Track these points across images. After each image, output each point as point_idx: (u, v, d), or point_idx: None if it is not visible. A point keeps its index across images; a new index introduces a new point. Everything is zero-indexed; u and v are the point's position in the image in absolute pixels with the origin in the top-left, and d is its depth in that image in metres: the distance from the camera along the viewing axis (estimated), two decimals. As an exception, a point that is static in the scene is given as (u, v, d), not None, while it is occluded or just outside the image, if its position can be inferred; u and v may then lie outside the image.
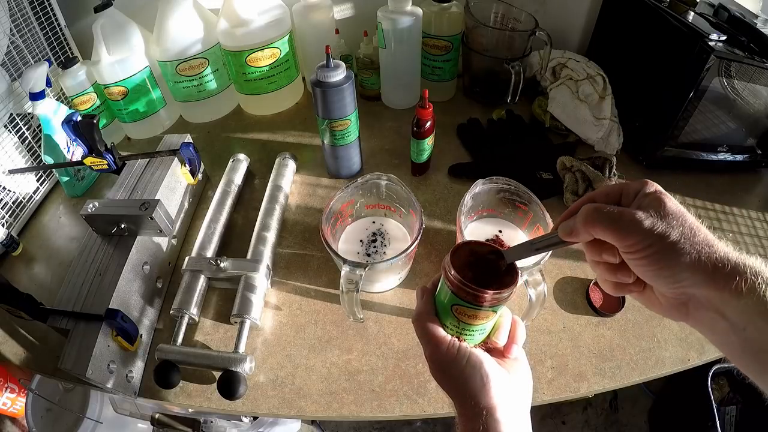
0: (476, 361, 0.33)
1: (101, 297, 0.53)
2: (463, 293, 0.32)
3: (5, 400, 0.95)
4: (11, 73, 0.71)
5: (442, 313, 0.35)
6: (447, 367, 0.34)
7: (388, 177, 0.60)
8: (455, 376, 0.33)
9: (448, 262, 0.33)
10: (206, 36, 0.82)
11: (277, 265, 0.65)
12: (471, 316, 0.33)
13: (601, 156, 0.71)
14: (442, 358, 0.34)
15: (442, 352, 0.34)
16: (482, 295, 0.32)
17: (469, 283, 0.32)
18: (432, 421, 1.26)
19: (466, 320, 0.34)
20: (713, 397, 0.97)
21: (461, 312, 0.33)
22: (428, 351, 0.35)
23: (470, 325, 0.34)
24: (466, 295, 0.32)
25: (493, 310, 0.33)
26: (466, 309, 0.33)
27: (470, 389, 0.32)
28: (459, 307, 0.33)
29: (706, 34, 0.63)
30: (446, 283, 0.34)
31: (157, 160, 0.68)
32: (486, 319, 0.34)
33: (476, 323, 0.34)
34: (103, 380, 0.50)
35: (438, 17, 0.81)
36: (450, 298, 0.33)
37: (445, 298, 0.34)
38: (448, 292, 0.33)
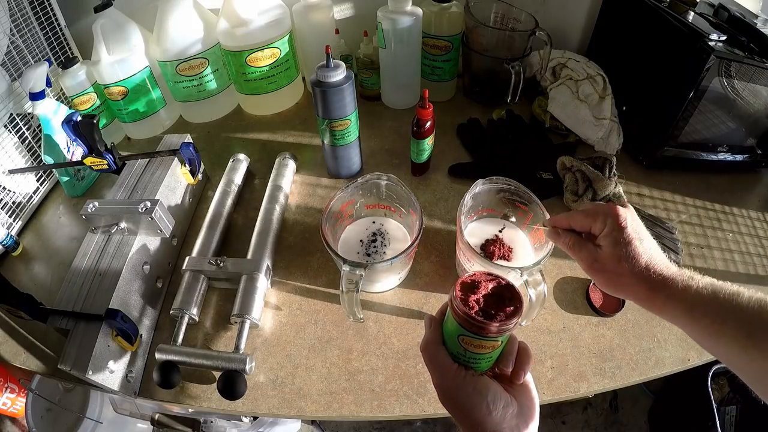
0: (482, 389, 0.34)
1: (101, 297, 0.53)
2: (469, 324, 0.33)
3: (5, 400, 0.95)
4: (11, 73, 0.71)
5: (450, 342, 0.36)
6: (454, 395, 0.35)
7: (388, 177, 0.60)
8: (462, 403, 0.34)
9: (454, 294, 0.34)
10: (206, 36, 0.82)
11: (277, 265, 0.65)
12: (477, 346, 0.34)
13: (601, 156, 0.71)
14: (449, 386, 0.35)
15: (449, 379, 0.35)
16: (487, 327, 0.32)
17: (474, 316, 0.33)
18: (432, 421, 1.26)
19: (473, 349, 0.35)
20: (713, 397, 0.97)
21: (467, 342, 0.34)
22: (436, 378, 0.36)
23: (476, 354, 0.35)
24: (472, 327, 0.33)
25: (498, 340, 0.34)
26: (472, 339, 0.34)
27: (476, 416, 0.33)
28: (465, 338, 0.34)
29: (706, 34, 0.63)
30: (453, 315, 0.34)
31: (157, 160, 0.68)
32: (492, 348, 0.35)
33: (482, 352, 0.35)
34: (103, 380, 0.50)
35: (438, 17, 0.81)
36: (456, 329, 0.34)
37: (451, 328, 0.35)
38: (454, 323, 0.34)
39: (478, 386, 0.34)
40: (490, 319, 0.32)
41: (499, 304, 0.34)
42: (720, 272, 0.65)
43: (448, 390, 0.35)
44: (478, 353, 0.35)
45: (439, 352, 0.36)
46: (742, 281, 0.64)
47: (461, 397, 0.34)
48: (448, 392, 0.35)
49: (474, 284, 0.35)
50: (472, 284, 0.35)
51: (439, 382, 0.36)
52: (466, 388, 0.34)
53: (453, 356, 0.36)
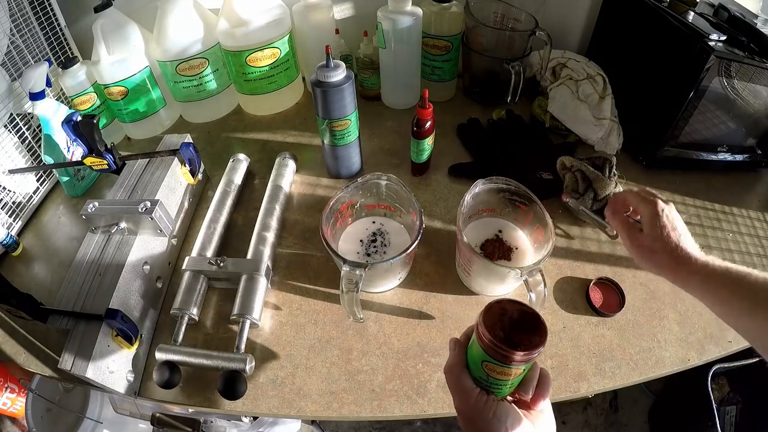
0: (502, 414, 0.35)
1: (101, 297, 0.53)
2: (493, 352, 0.34)
3: (5, 400, 0.95)
4: (11, 73, 0.71)
5: (473, 366, 0.37)
6: (475, 419, 0.36)
7: (388, 177, 0.60)
8: (482, 427, 0.35)
9: (481, 321, 0.35)
10: (206, 36, 0.82)
11: (277, 265, 0.65)
12: (500, 373, 0.35)
13: (601, 156, 0.71)
14: (470, 409, 0.36)
15: (470, 403, 0.36)
16: (512, 356, 0.33)
17: (499, 344, 0.33)
18: (432, 421, 1.26)
19: (495, 375, 0.35)
20: (713, 397, 0.97)
21: (491, 368, 0.35)
22: (457, 401, 0.37)
23: (499, 380, 0.36)
24: (496, 354, 0.34)
25: (521, 368, 0.35)
26: (495, 366, 0.35)
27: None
28: (489, 364, 0.35)
29: (706, 34, 0.63)
30: (478, 341, 0.35)
31: (157, 160, 0.68)
32: (514, 375, 0.35)
33: (505, 379, 0.35)
34: (103, 380, 0.50)
35: (438, 17, 0.81)
36: (481, 355, 0.35)
37: (476, 354, 0.36)
38: (479, 349, 0.35)
39: (498, 411, 0.35)
40: (515, 348, 0.33)
41: (524, 331, 0.34)
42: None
43: (470, 414, 0.36)
44: (501, 379, 0.35)
45: (462, 375, 0.37)
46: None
47: (481, 421, 0.35)
48: (469, 416, 0.36)
49: (500, 311, 0.35)
50: (498, 311, 0.35)
51: (461, 405, 0.37)
52: (487, 412, 0.35)
53: (475, 380, 0.37)
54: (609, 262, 0.65)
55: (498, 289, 0.61)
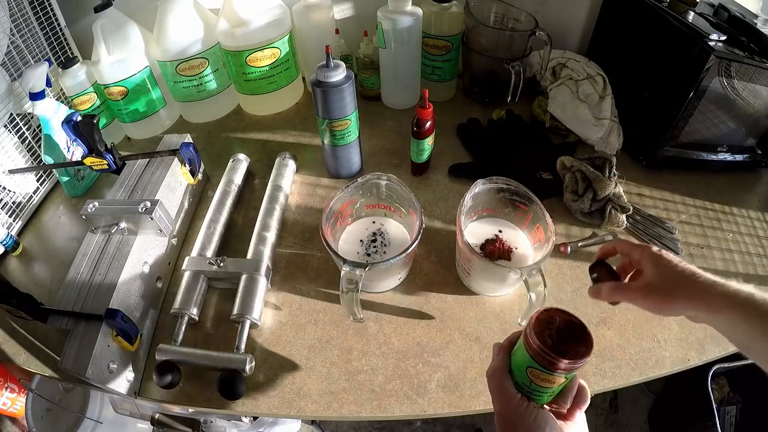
0: (542, 421, 0.35)
1: (101, 297, 0.53)
2: (540, 359, 0.34)
3: (5, 400, 0.95)
4: (11, 73, 0.71)
5: (516, 371, 0.38)
6: (515, 423, 0.36)
7: (388, 177, 0.60)
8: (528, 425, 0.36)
9: (531, 327, 0.35)
10: (206, 36, 0.82)
11: (277, 265, 0.65)
12: (544, 380, 0.35)
13: (601, 156, 0.71)
14: (511, 415, 0.36)
15: (511, 408, 0.36)
16: (558, 364, 0.34)
17: (548, 351, 0.34)
18: (432, 421, 1.26)
19: (539, 382, 0.36)
20: (713, 397, 0.97)
21: (535, 375, 0.35)
22: (498, 405, 0.38)
23: (541, 387, 0.36)
24: (543, 361, 0.34)
25: (565, 377, 0.35)
26: (540, 373, 0.35)
27: None
28: (534, 371, 0.35)
29: (706, 34, 0.63)
30: (525, 347, 0.36)
31: (157, 160, 0.68)
32: (557, 384, 0.36)
33: (547, 386, 0.36)
34: (103, 380, 0.50)
35: (438, 17, 0.81)
36: (527, 361, 0.36)
37: (521, 360, 0.37)
38: (525, 355, 0.36)
39: (539, 419, 0.35)
40: (563, 356, 0.33)
41: (572, 341, 0.35)
42: (720, 272, 0.65)
43: (510, 418, 0.36)
44: (543, 387, 0.36)
45: (505, 380, 0.38)
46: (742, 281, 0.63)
47: (522, 427, 0.35)
48: (510, 420, 0.36)
49: (549, 320, 0.36)
50: (547, 319, 0.36)
51: (502, 409, 0.37)
52: (528, 418, 0.36)
53: (517, 385, 0.37)
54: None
55: (498, 289, 0.61)
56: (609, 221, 0.67)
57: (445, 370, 0.55)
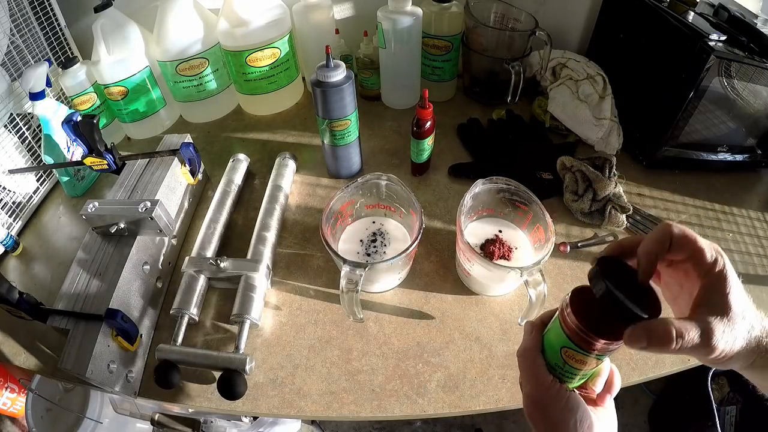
0: (573, 405, 0.34)
1: (101, 297, 0.53)
2: (578, 338, 0.33)
3: (5, 400, 0.95)
4: (11, 73, 0.71)
5: (550, 352, 0.36)
6: (546, 405, 0.35)
7: (388, 177, 0.61)
8: (550, 415, 0.34)
9: (568, 304, 0.34)
10: (206, 36, 0.82)
11: (277, 265, 0.65)
12: (578, 361, 0.34)
13: (601, 156, 0.71)
14: (542, 397, 0.35)
15: (543, 390, 0.35)
16: (595, 344, 0.32)
17: (586, 330, 0.32)
18: (432, 421, 1.26)
19: (572, 363, 0.34)
20: (713, 397, 0.97)
21: (570, 355, 0.34)
22: (529, 387, 0.36)
23: (574, 368, 0.35)
24: (580, 341, 0.33)
25: (599, 358, 0.34)
26: (575, 353, 0.33)
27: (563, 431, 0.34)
28: (569, 350, 0.34)
29: (706, 34, 0.63)
30: (562, 325, 0.34)
31: (157, 160, 0.68)
32: (591, 366, 0.34)
33: (581, 368, 0.34)
34: (103, 380, 0.50)
35: (438, 17, 0.81)
36: (562, 340, 0.34)
37: (555, 339, 0.35)
38: (561, 334, 0.34)
39: (570, 402, 0.34)
40: (602, 336, 0.32)
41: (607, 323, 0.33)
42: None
43: (542, 400, 0.35)
44: (576, 369, 0.34)
45: (537, 360, 0.36)
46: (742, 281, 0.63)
47: (552, 411, 0.34)
48: (540, 403, 0.35)
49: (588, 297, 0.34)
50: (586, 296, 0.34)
51: (532, 392, 0.36)
52: (561, 401, 0.34)
53: (549, 367, 0.36)
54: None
55: (498, 289, 0.61)
56: (609, 221, 0.67)
57: (445, 370, 0.55)
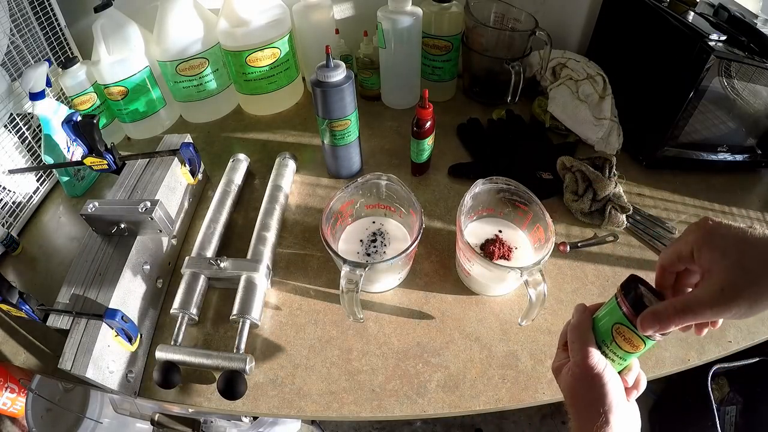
0: (617, 384, 0.36)
1: (101, 297, 0.54)
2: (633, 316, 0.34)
3: (5, 400, 0.95)
4: (11, 73, 0.71)
5: (600, 329, 0.38)
6: (593, 377, 0.35)
7: (388, 177, 0.60)
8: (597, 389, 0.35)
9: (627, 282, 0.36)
10: (206, 36, 0.82)
11: (277, 265, 0.65)
12: (627, 341, 0.35)
13: (601, 156, 0.71)
14: (589, 369, 0.36)
15: (593, 362, 0.36)
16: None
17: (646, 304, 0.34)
18: (432, 421, 1.26)
19: (621, 343, 0.36)
20: (713, 397, 0.97)
21: (621, 333, 0.36)
22: (578, 357, 0.37)
23: (621, 349, 0.36)
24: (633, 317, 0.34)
25: (646, 343, 0.35)
26: (627, 331, 0.35)
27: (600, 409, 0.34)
28: (621, 327, 0.35)
29: (706, 34, 0.63)
30: (619, 303, 0.36)
31: (157, 160, 0.68)
32: (636, 348, 0.36)
33: (627, 349, 0.36)
34: (103, 380, 0.50)
35: (438, 17, 0.81)
36: (618, 317, 0.36)
37: (608, 318, 0.37)
38: (617, 312, 0.36)
39: (614, 381, 0.35)
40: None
41: None
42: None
43: (589, 372, 0.35)
44: (624, 349, 0.36)
45: (588, 334, 0.37)
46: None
47: (596, 384, 0.35)
48: (589, 375, 0.35)
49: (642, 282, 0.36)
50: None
51: (581, 361, 0.36)
52: (607, 376, 0.35)
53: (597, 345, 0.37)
54: (609, 262, 0.65)
55: (498, 289, 0.61)
56: (609, 221, 0.67)
57: (445, 370, 0.55)
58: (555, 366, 0.41)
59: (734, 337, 0.58)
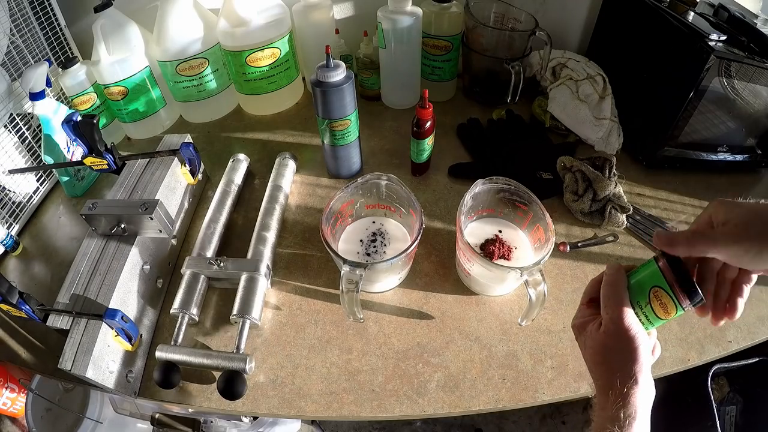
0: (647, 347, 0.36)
1: (101, 297, 0.53)
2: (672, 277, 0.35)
3: (5, 400, 0.95)
4: (11, 73, 0.71)
5: (636, 289, 0.38)
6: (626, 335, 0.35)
7: (388, 177, 0.61)
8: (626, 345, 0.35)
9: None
10: (206, 36, 0.82)
11: (277, 265, 0.65)
12: (663, 305, 0.36)
13: (601, 156, 0.71)
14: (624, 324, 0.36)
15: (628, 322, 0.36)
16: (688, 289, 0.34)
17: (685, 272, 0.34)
18: (432, 421, 1.26)
19: (655, 306, 0.36)
20: (713, 397, 0.97)
21: (658, 296, 0.36)
22: (614, 314, 0.37)
23: (654, 313, 0.37)
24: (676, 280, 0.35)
25: (678, 310, 0.36)
26: (664, 295, 0.35)
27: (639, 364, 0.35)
28: (660, 291, 0.35)
29: (706, 34, 0.63)
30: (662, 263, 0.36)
31: (157, 160, 0.68)
32: (668, 314, 0.36)
33: (660, 314, 0.36)
34: (103, 380, 0.50)
35: (438, 17, 0.81)
36: (658, 280, 0.36)
37: (646, 278, 0.37)
38: (658, 275, 0.36)
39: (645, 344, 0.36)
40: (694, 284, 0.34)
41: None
42: (720, 272, 0.65)
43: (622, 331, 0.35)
44: (656, 314, 0.36)
45: (625, 292, 0.37)
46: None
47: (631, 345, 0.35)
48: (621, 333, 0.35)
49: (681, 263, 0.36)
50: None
51: (616, 319, 0.36)
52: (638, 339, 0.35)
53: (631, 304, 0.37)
54: (609, 262, 0.65)
55: (498, 289, 0.61)
56: (609, 221, 0.67)
57: (445, 370, 0.55)
58: (578, 323, 0.40)
59: (734, 337, 0.58)
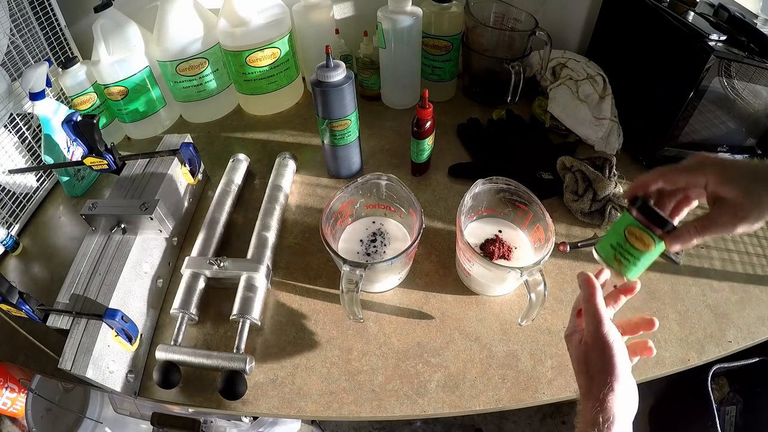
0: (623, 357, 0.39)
1: (101, 297, 0.54)
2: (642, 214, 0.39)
3: (5, 400, 0.95)
4: (11, 73, 0.71)
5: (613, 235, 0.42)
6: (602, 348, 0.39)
7: (388, 177, 0.61)
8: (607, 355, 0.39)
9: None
10: (206, 36, 0.82)
11: (277, 265, 0.65)
12: (639, 239, 0.40)
13: (601, 156, 0.71)
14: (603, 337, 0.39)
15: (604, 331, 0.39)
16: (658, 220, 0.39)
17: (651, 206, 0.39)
18: (432, 421, 1.26)
19: (633, 242, 0.40)
20: (713, 397, 0.97)
21: (632, 233, 0.40)
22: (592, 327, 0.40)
23: (634, 248, 0.40)
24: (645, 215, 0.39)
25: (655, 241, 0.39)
26: (636, 230, 0.40)
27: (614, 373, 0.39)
28: (632, 228, 0.40)
29: (706, 34, 0.63)
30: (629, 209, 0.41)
31: (157, 160, 0.68)
32: (648, 247, 0.40)
33: (640, 247, 0.40)
34: (103, 380, 0.50)
35: (438, 17, 0.81)
36: (628, 221, 0.40)
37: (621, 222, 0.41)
38: (627, 217, 0.41)
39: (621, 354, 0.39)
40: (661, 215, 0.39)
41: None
42: (720, 272, 0.65)
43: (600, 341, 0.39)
44: (636, 248, 0.40)
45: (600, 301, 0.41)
46: (741, 281, 0.64)
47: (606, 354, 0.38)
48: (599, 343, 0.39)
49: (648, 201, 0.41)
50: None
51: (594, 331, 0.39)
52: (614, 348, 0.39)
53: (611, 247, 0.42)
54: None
55: (498, 289, 0.61)
56: (609, 221, 0.67)
57: (445, 370, 0.55)
58: (568, 333, 0.44)
59: (734, 337, 0.58)
